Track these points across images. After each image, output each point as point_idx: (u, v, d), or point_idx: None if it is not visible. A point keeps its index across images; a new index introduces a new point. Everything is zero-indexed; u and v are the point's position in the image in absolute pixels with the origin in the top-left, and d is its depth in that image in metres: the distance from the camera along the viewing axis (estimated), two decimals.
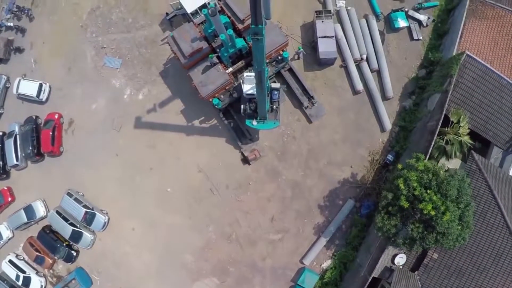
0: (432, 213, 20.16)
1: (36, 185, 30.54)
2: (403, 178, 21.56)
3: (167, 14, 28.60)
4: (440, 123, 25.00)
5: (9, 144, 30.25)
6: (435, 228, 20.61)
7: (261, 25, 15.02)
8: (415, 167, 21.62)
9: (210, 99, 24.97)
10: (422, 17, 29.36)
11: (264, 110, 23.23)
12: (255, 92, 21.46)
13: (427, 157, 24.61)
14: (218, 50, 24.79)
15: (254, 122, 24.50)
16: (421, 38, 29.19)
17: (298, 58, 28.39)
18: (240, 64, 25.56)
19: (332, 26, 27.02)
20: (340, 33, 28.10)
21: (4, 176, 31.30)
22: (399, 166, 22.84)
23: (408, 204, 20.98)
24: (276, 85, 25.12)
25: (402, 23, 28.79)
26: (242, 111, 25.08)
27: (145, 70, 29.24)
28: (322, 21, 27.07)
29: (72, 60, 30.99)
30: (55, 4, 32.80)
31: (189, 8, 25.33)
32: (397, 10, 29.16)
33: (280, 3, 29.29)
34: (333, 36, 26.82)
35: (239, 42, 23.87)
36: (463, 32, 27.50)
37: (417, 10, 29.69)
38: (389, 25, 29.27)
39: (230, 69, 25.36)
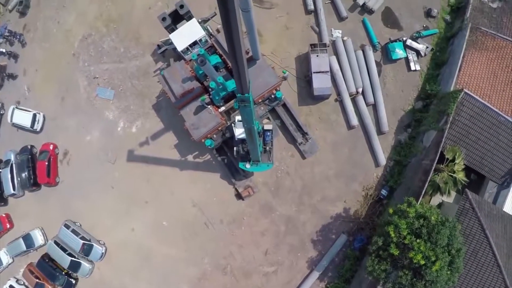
0: (422, 262, 20.44)
1: (34, 213, 30.96)
2: (393, 225, 21.77)
3: (158, 46, 28.00)
4: (434, 164, 24.88)
5: (5, 173, 30.47)
6: (424, 277, 20.94)
7: (247, 93, 14.81)
8: (406, 213, 21.79)
9: (203, 140, 24.85)
10: (420, 46, 28.62)
11: (256, 155, 23.14)
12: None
13: (421, 197, 24.69)
14: (210, 89, 24.47)
15: (248, 165, 24.44)
16: (418, 69, 28.57)
17: (285, 79, 27.95)
18: (232, 102, 25.24)
19: (327, 61, 26.43)
20: (336, 66, 27.52)
21: (2, 203, 31.75)
22: (390, 210, 22.92)
23: (398, 252, 21.26)
24: (269, 126, 24.90)
25: (399, 54, 28.14)
26: (235, 152, 24.98)
27: (138, 102, 28.99)
28: (317, 55, 26.48)
29: (65, 89, 30.72)
30: (47, 30, 32.26)
31: (180, 46, 24.78)
32: (394, 41, 28.44)
33: (274, 34, 28.63)
34: (328, 71, 26.29)
35: (231, 85, 23.49)
36: (462, 64, 26.92)
37: (415, 39, 28.90)
38: (386, 55, 28.60)
39: (223, 108, 25.09)
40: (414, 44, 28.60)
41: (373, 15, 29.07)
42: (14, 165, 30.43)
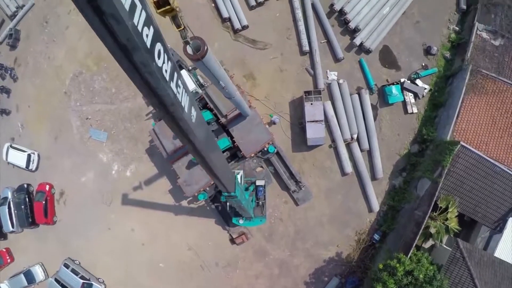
0: None
1: (33, 249, 31.63)
2: (382, 283, 22.29)
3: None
4: (427, 217, 24.95)
5: (3, 211, 30.88)
6: None
7: (233, 192, 14.84)
8: (395, 270, 22.27)
9: (196, 194, 24.92)
10: (418, 88, 27.91)
11: (248, 214, 23.25)
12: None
13: (411, 249, 24.98)
14: None
15: (241, 221, 24.63)
16: (416, 111, 28.01)
17: (275, 123, 27.64)
18: (225, 155, 25.07)
19: (321, 109, 25.91)
20: (331, 112, 27.01)
21: (2, 238, 32.40)
22: (380, 265, 23.34)
23: None
24: (261, 182, 24.86)
25: (397, 98, 27.48)
26: (228, 207, 25.08)
27: (131, 146, 28.84)
28: (311, 103, 25.93)
29: (58, 129, 30.52)
30: (38, 65, 31.67)
31: None
32: (392, 83, 27.69)
33: (267, 76, 27.95)
34: (322, 120, 25.84)
35: (222, 144, 23.26)
36: (460, 110, 26.39)
37: (413, 80, 28.14)
38: (383, 98, 27.96)
39: None
40: (412, 86, 27.89)
41: (370, 54, 28.19)
42: (11, 203, 30.79)
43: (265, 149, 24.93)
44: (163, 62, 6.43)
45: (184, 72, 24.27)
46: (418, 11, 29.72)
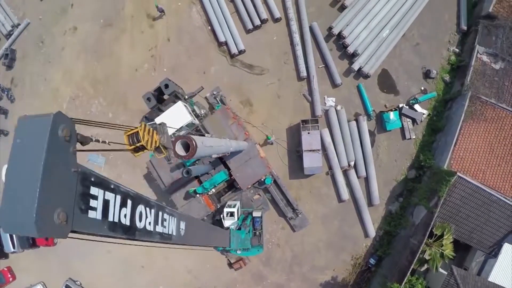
0: None
1: (35, 268, 32.16)
2: None
3: (146, 118, 27.42)
4: (422, 246, 25.19)
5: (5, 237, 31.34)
6: None
7: (228, 246, 15.06)
8: None
9: None
10: (416, 114, 27.73)
11: (246, 245, 23.52)
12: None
13: (406, 277, 25.34)
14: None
15: (238, 251, 24.89)
16: (414, 137, 27.89)
17: (272, 144, 27.68)
18: (222, 185, 25.23)
19: (319, 138, 25.84)
20: (328, 139, 26.93)
21: (3, 257, 32.92)
22: None
23: None
24: (258, 213, 25.03)
25: (394, 124, 27.32)
26: None
27: (129, 171, 28.96)
28: (308, 133, 25.84)
29: None
30: (35, 86, 31.56)
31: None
32: (390, 110, 27.49)
33: (265, 103, 27.79)
34: (319, 150, 25.80)
35: (219, 178, 23.34)
36: (458, 138, 26.29)
37: (412, 105, 27.92)
38: (381, 124, 27.81)
39: (213, 190, 25.10)
40: (410, 112, 27.69)
41: (369, 79, 27.90)
42: None
43: (262, 180, 25.00)
44: (146, 218, 6.47)
45: (179, 104, 24.12)
46: (418, 33, 29.26)
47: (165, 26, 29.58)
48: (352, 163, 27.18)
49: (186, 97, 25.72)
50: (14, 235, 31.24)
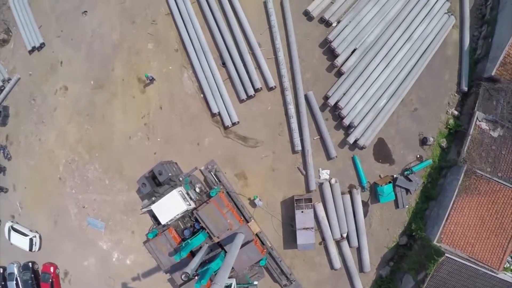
0: None
1: None
2: None
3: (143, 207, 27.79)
4: None
5: (11, 286, 32.83)
6: None
7: None
8: None
9: None
10: (411, 184, 27.78)
11: None
12: None
13: None
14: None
15: None
16: (407, 206, 28.19)
17: (258, 206, 28.23)
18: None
19: (312, 217, 26.20)
20: (322, 214, 27.31)
21: None
22: None
23: None
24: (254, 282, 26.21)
25: (388, 197, 27.48)
26: None
27: (129, 237, 29.73)
28: (302, 211, 26.20)
29: (56, 213, 31.29)
30: (30, 146, 31.68)
31: (163, 219, 24.68)
32: (384, 183, 27.49)
33: (259, 176, 27.85)
34: (312, 228, 26.28)
35: (216, 266, 24.09)
36: (451, 212, 26.64)
37: (406, 176, 27.89)
38: (375, 194, 27.97)
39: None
40: (405, 183, 27.73)
41: (364, 149, 27.66)
42: (19, 281, 32.59)
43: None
44: None
45: (174, 193, 24.30)
46: (417, 97, 28.54)
47: (157, 92, 28.91)
48: (344, 235, 27.78)
49: (181, 178, 25.83)
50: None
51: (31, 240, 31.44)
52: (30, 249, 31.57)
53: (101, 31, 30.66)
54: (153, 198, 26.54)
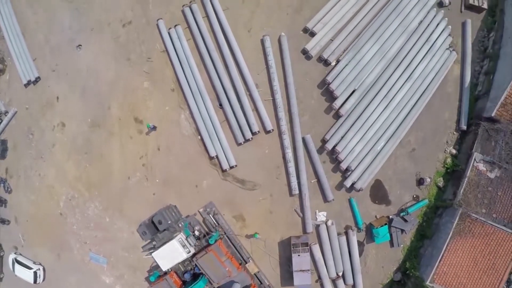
0: None
1: None
2: None
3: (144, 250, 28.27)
4: None
5: None
6: None
7: None
8: None
9: None
10: (406, 225, 28.20)
11: None
12: None
13: None
14: None
15: None
16: (402, 245, 28.73)
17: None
18: None
19: (308, 260, 26.82)
20: (318, 255, 27.88)
21: None
22: None
23: None
24: None
25: (384, 238, 27.95)
26: None
27: (131, 273, 30.43)
28: (298, 255, 26.80)
29: (59, 247, 31.95)
30: (29, 180, 31.93)
31: (164, 266, 25.34)
32: (379, 224, 27.88)
33: (257, 218, 28.22)
34: (308, 270, 26.96)
35: None
36: (444, 254, 27.20)
37: (402, 217, 28.25)
38: (370, 234, 28.44)
39: None
40: (400, 223, 28.14)
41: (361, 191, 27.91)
42: None
43: None
44: None
45: (174, 243, 24.80)
46: (415, 138, 28.45)
47: (154, 133, 28.82)
48: (340, 274, 28.50)
49: (180, 225, 26.26)
50: None
51: (35, 273, 32.25)
52: (35, 282, 32.48)
53: (96, 67, 30.19)
54: (154, 243, 27.12)
